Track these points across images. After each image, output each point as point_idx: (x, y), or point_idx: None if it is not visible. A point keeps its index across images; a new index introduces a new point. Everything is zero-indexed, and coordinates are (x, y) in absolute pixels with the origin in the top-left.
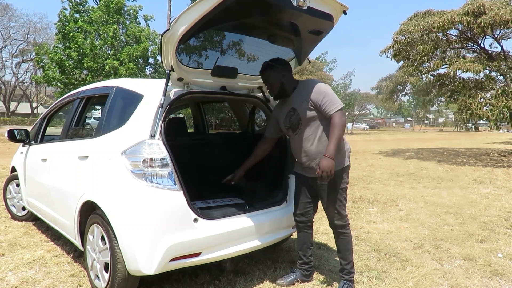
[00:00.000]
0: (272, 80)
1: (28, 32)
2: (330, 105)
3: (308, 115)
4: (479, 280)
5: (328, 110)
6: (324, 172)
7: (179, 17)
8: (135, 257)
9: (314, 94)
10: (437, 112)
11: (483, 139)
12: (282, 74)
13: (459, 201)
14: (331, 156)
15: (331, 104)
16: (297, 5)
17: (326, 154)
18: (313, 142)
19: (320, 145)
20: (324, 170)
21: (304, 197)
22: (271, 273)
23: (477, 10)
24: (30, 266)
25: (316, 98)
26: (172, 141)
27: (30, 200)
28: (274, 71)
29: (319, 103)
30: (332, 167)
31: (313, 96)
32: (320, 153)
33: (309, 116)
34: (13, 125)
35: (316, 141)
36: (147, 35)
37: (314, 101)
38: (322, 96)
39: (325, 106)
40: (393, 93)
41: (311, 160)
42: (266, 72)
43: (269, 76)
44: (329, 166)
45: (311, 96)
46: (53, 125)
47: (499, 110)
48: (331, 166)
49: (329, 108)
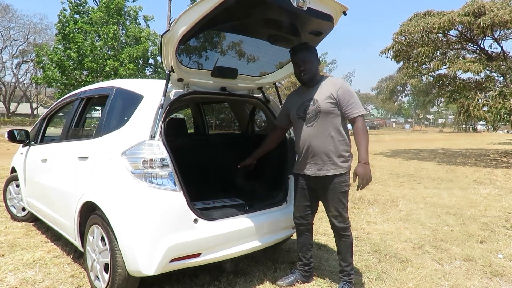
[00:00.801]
0: (310, 60)
1: (28, 33)
2: (356, 107)
3: (329, 109)
4: (479, 280)
5: (353, 112)
6: (364, 179)
7: (179, 18)
8: (135, 257)
9: (342, 92)
10: (437, 113)
11: (483, 140)
12: (318, 59)
13: (459, 202)
14: (366, 162)
15: (356, 107)
16: (297, 6)
17: (362, 161)
18: (325, 139)
19: (331, 143)
20: (364, 178)
21: (304, 199)
22: (271, 274)
23: (477, 11)
24: (30, 267)
25: (343, 96)
26: (172, 141)
27: (30, 200)
28: (312, 52)
29: (345, 102)
30: (370, 173)
31: (340, 93)
32: (326, 151)
33: (329, 111)
34: (13, 125)
35: (327, 138)
36: (147, 35)
37: (340, 99)
38: (349, 96)
39: (351, 107)
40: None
41: (317, 156)
42: (304, 52)
43: (306, 56)
44: (367, 173)
45: (338, 92)
46: (53, 125)
47: (496, 111)
48: (368, 172)
49: (354, 111)
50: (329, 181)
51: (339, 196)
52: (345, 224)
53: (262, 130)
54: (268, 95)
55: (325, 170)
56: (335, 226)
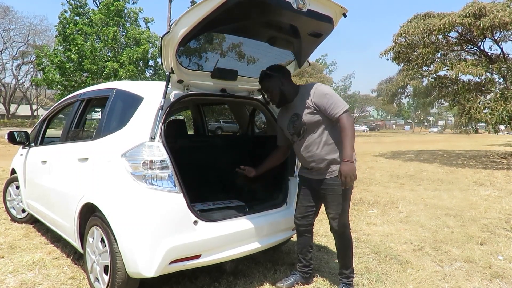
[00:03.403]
0: (272, 89)
1: (29, 35)
2: (335, 107)
3: (313, 119)
4: (480, 282)
5: (334, 113)
6: (347, 177)
7: (179, 20)
8: (135, 259)
9: (317, 97)
10: (437, 114)
11: (483, 141)
12: (280, 82)
13: (459, 203)
14: (350, 159)
15: (336, 106)
16: (297, 8)
17: (345, 158)
18: (319, 146)
19: (327, 148)
20: (347, 175)
21: (307, 200)
22: (271, 275)
23: (478, 13)
24: (30, 269)
25: (319, 102)
26: (172, 143)
27: (30, 202)
28: (272, 80)
29: (324, 106)
30: (354, 171)
31: (316, 100)
32: (328, 156)
33: (313, 121)
34: (13, 127)
35: (322, 144)
36: (147, 37)
37: (318, 105)
38: (325, 99)
39: (330, 109)
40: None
41: (319, 163)
42: (265, 82)
43: (268, 85)
44: (350, 170)
45: (314, 100)
46: (53, 127)
47: (498, 114)
48: (353, 170)
49: (335, 111)
50: (330, 184)
51: (339, 199)
52: (345, 227)
53: (262, 132)
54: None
55: (324, 175)
56: (335, 228)
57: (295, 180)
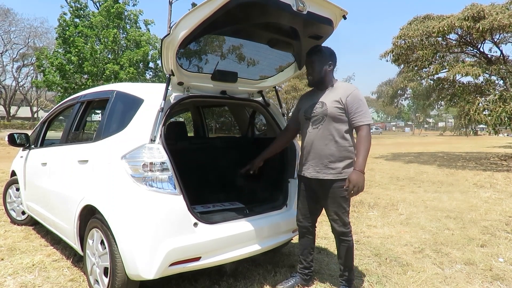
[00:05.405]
0: (316, 65)
1: (29, 37)
2: (363, 116)
3: (336, 114)
4: (480, 285)
5: (359, 120)
6: (355, 187)
7: (179, 22)
8: (134, 261)
9: (352, 98)
10: (437, 116)
11: (483, 143)
12: (328, 63)
13: (459, 205)
14: (362, 170)
15: (364, 116)
16: (297, 10)
17: (357, 168)
18: (328, 143)
19: (333, 147)
20: (356, 185)
21: (306, 202)
22: (271, 277)
23: (477, 15)
24: (30, 271)
25: (351, 103)
26: (172, 145)
27: (29, 204)
28: (322, 58)
29: (353, 109)
30: (363, 182)
31: (349, 100)
32: (330, 156)
33: (336, 116)
34: (13, 129)
35: (331, 142)
36: (148, 39)
37: (349, 105)
38: (358, 104)
39: (358, 115)
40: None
41: (323, 159)
42: (314, 56)
43: (315, 60)
44: (360, 180)
45: (348, 98)
46: (53, 129)
47: (497, 115)
48: (362, 181)
49: (361, 119)
50: (328, 186)
51: (339, 201)
52: (345, 229)
53: (262, 134)
54: (268, 98)
55: (324, 174)
56: (336, 230)
57: (295, 182)
